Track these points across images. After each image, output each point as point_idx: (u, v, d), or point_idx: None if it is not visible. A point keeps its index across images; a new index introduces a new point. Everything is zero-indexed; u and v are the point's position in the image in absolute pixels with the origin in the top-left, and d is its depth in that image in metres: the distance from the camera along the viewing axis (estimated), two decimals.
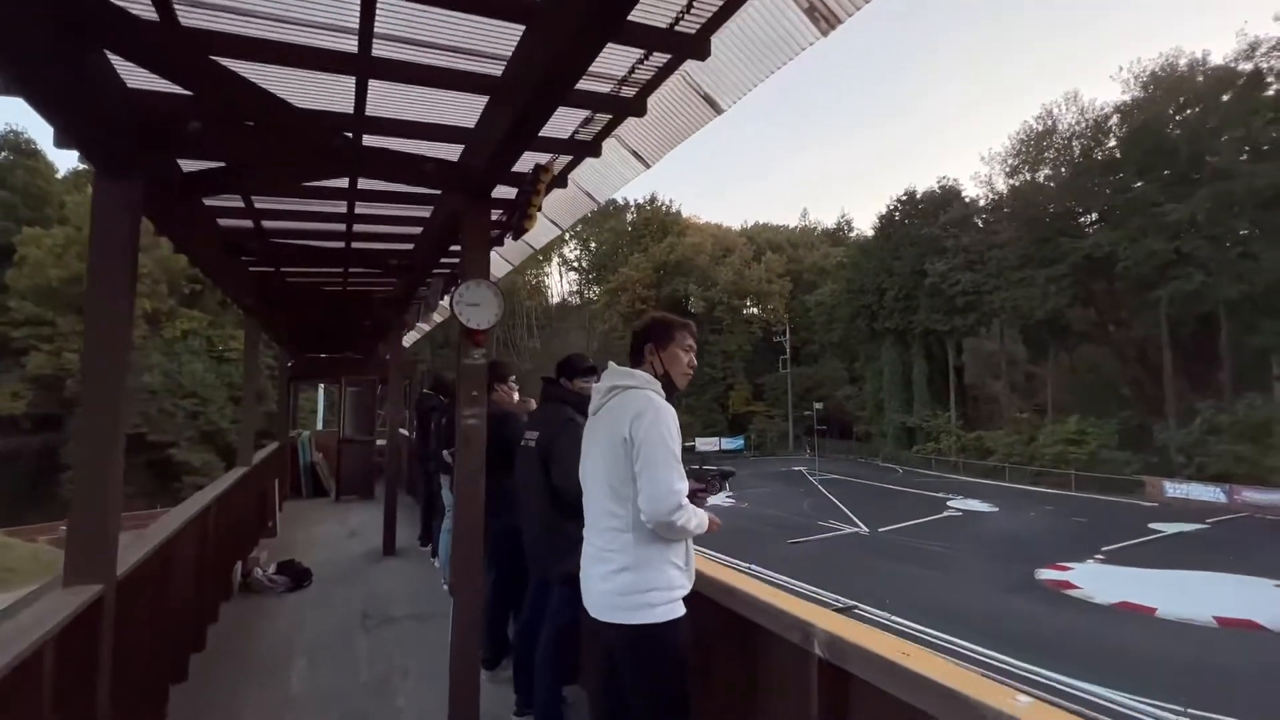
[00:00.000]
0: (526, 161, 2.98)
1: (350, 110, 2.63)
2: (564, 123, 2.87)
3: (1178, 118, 27.78)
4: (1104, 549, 17.59)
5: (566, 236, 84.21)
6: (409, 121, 2.78)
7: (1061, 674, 9.21)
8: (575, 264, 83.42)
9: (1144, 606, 12.62)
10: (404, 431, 9.88)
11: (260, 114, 2.27)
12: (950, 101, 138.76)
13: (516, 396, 3.96)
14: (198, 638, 3.98)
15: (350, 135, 2.77)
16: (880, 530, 20.88)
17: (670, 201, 77.24)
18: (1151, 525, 20.88)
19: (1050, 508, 24.31)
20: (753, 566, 16.39)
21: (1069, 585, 14.42)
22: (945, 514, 23.45)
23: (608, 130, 3.00)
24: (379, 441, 10.81)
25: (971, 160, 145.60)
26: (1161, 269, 25.68)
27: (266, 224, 4.29)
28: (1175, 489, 24.70)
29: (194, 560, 3.85)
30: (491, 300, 2.87)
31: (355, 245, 4.88)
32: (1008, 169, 35.40)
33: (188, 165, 2.90)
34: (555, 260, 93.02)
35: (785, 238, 77.66)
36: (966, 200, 37.64)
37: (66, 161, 68.92)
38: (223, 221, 4.16)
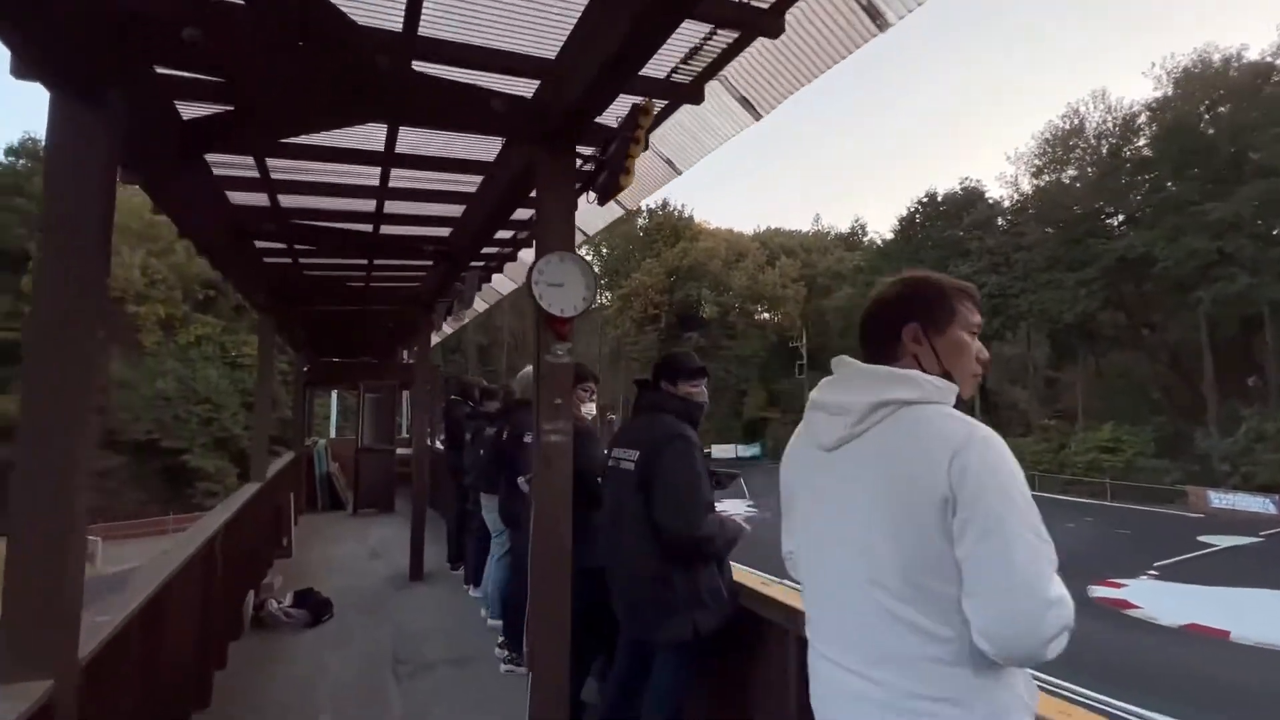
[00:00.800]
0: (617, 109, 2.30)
1: (399, 27, 1.97)
2: (659, 59, 2.16)
3: (1214, 114, 26.84)
4: (1156, 564, 16.63)
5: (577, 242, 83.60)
6: (473, 46, 2.13)
7: (1147, 708, 8.38)
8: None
9: (1215, 629, 11.71)
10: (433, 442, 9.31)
11: (275, 23, 1.70)
12: (966, 103, 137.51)
13: (592, 409, 3.26)
14: (201, 690, 3.33)
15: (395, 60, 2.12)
16: None
17: (682, 206, 76.66)
18: (1201, 538, 19.84)
19: (1090, 519, 23.27)
20: (784, 583, 15.58)
21: (1127, 604, 13.51)
22: None
23: (720, 64, 2.29)
24: (399, 450, 10.20)
25: (991, 162, 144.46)
26: (1202, 270, 24.70)
27: (284, 200, 3.67)
28: (1221, 499, 23.61)
29: (198, 600, 3.22)
30: (579, 278, 2.22)
31: (385, 230, 4.25)
32: (1033, 169, 34.50)
33: (186, 110, 2.29)
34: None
35: (798, 243, 76.81)
36: (990, 201, 36.74)
37: None
38: (233, 196, 3.55)
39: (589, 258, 79.37)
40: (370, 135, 2.89)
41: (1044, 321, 30.83)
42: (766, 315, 62.39)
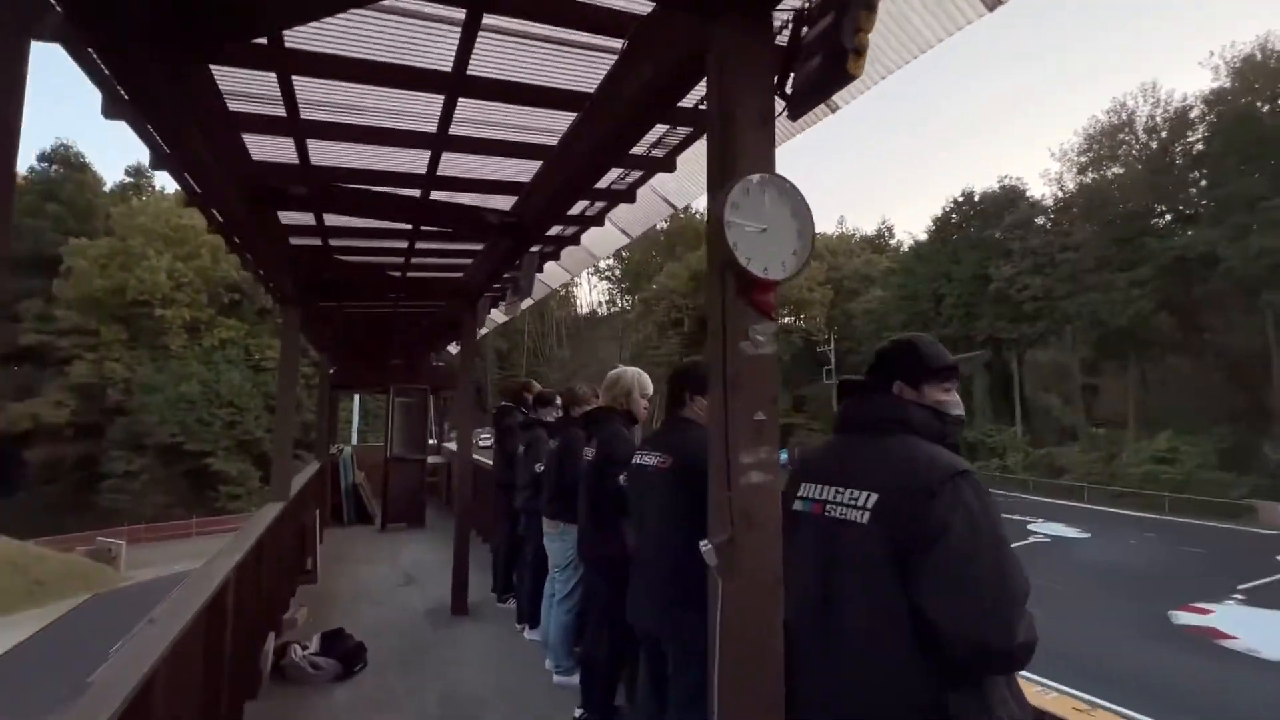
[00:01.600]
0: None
1: None
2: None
3: None
4: (1241, 587, 15.29)
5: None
6: None
7: None
8: (608, 274, 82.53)
9: None
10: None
11: None
12: (991, 102, 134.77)
13: None
14: None
15: None
16: None
17: (702, 212, 75.75)
18: None
19: (1152, 535, 21.84)
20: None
21: (1219, 633, 12.28)
22: (1031, 540, 21.22)
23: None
24: (430, 459, 9.46)
25: (1024, 162, 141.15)
26: (1273, 269, 23.13)
27: (315, 152, 2.89)
28: None
29: (202, 660, 2.43)
30: (788, 220, 1.36)
31: (437, 195, 3.45)
32: (1079, 166, 33.02)
33: None
34: (585, 274, 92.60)
35: (824, 245, 75.30)
36: (1031, 200, 35.30)
37: (113, 174, 71.03)
38: (254, 148, 2.78)
39: (607, 261, 78.54)
40: (435, 47, 2.10)
41: (1093, 325, 29.33)
42: (790, 319, 61.16)
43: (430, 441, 10.34)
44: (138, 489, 39.01)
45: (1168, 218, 28.41)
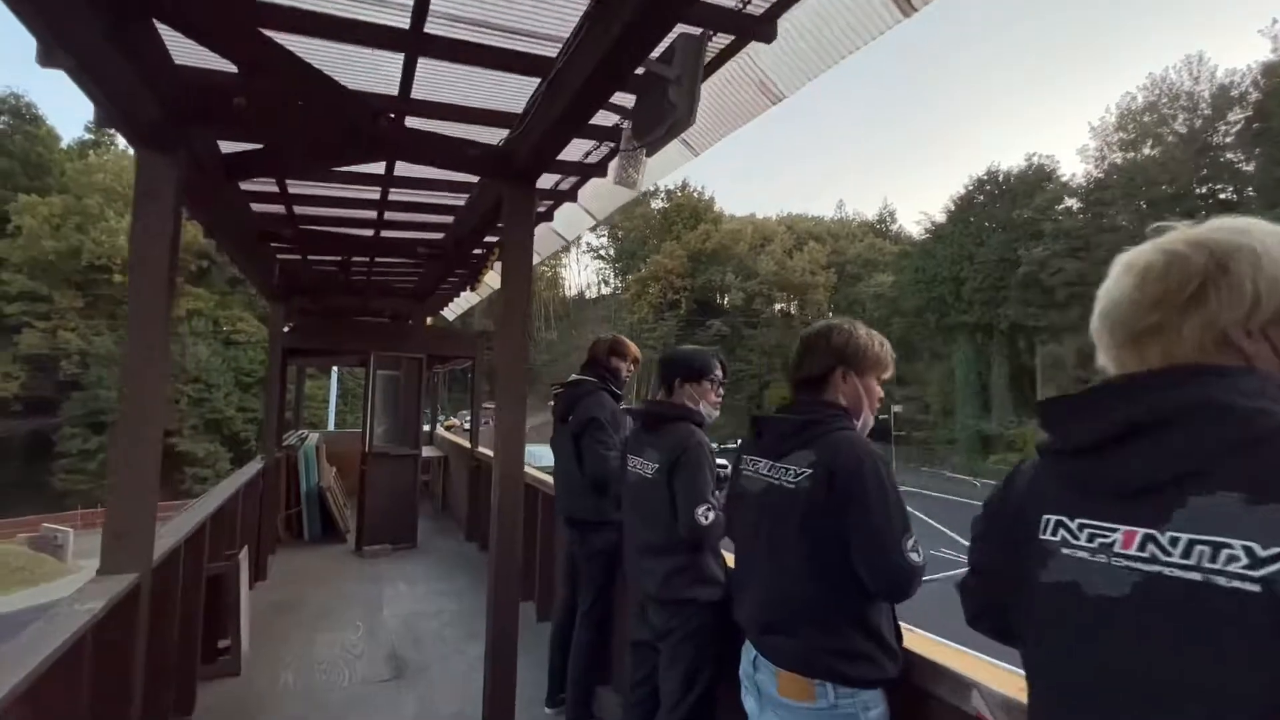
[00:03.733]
0: None
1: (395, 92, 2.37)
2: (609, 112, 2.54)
3: None
4: None
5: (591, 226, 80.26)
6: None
7: None
8: (601, 253, 79.61)
9: None
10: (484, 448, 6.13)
11: (305, 92, 2.20)
12: (995, 89, 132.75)
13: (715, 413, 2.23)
14: None
15: (393, 117, 2.51)
16: None
17: (702, 188, 73.21)
18: None
19: None
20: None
21: None
22: None
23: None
24: (425, 452, 7.05)
25: (1034, 144, 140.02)
26: None
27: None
28: None
29: None
30: None
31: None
32: (1120, 143, 30.90)
33: (226, 146, 2.74)
34: (574, 250, 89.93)
35: (825, 229, 73.33)
36: (1062, 180, 33.24)
37: (71, 130, 66.18)
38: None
39: (601, 239, 75.99)
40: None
41: None
42: (791, 303, 59.19)
43: (424, 427, 7.90)
44: (94, 469, 35.95)
45: (1221, 196, 26.46)
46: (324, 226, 4.30)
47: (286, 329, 5.87)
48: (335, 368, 17.18)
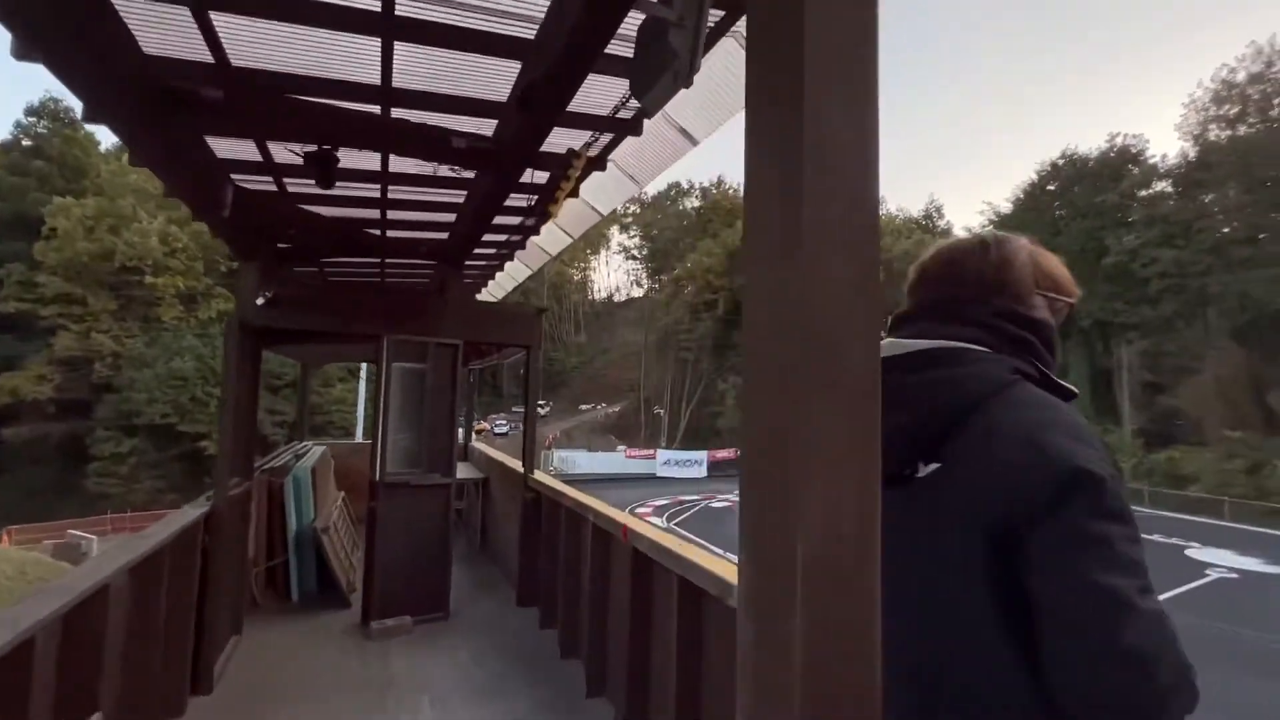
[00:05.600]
0: None
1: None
2: (604, 98, 2.48)
3: None
4: None
5: (625, 223, 78.91)
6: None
7: None
8: (634, 253, 77.73)
9: None
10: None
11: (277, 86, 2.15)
12: (1025, 80, 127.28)
13: None
14: None
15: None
16: None
17: (739, 186, 70.82)
18: None
19: None
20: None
21: None
22: (1211, 576, 16.46)
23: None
24: (459, 471, 5.09)
25: (1101, 126, 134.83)
26: None
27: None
28: None
29: None
30: None
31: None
32: (1217, 118, 27.63)
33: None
34: (603, 252, 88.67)
35: None
36: (1150, 161, 30.04)
37: (109, 134, 67.24)
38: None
39: (633, 240, 74.49)
40: None
41: (1241, 309, 24.23)
42: None
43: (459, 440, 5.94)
44: (126, 472, 35.41)
45: None
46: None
47: (261, 299, 3.91)
48: (365, 363, 15.03)
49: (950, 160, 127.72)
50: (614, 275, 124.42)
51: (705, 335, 56.17)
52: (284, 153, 2.88)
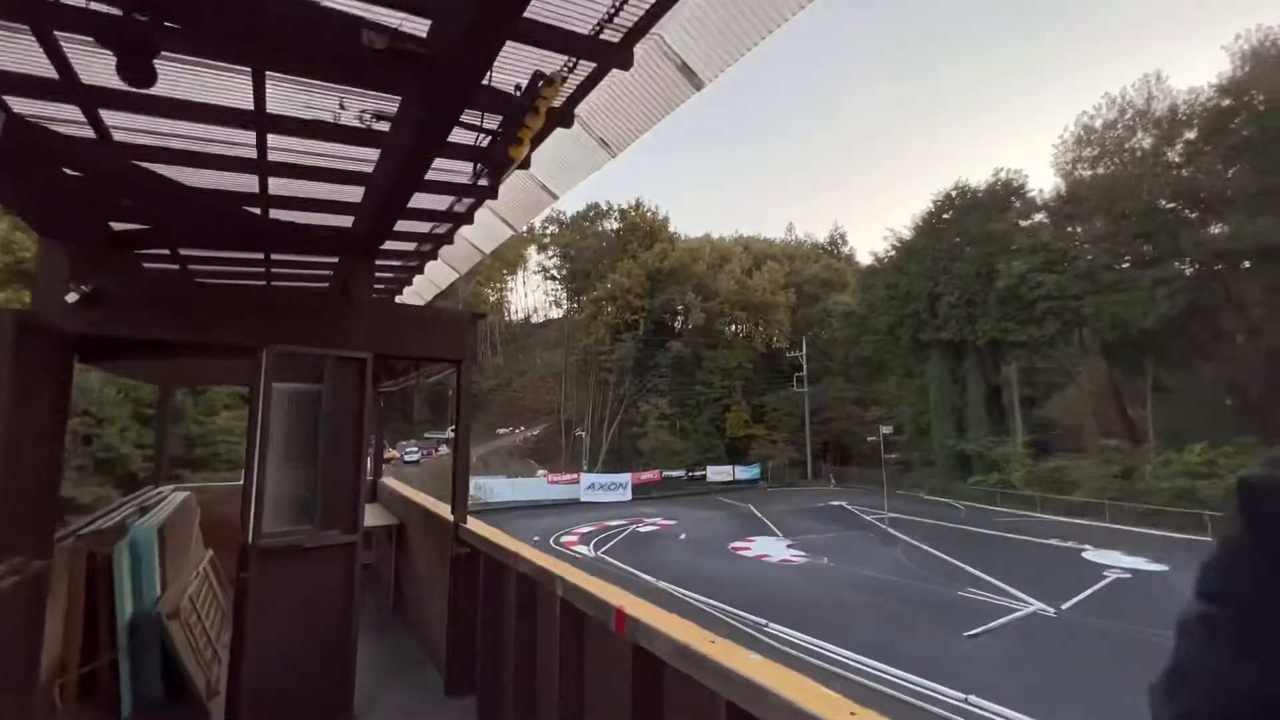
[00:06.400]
0: None
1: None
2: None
3: None
4: None
5: (543, 243, 77.61)
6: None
7: None
8: (553, 273, 76.38)
9: None
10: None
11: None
12: (923, 108, 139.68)
13: None
14: None
15: None
16: (1064, 608, 14.77)
17: (656, 207, 71.81)
18: None
19: None
20: (970, 698, 9.97)
21: None
22: (1110, 578, 17.59)
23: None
24: (366, 520, 4.00)
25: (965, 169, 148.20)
26: None
27: None
28: None
29: None
30: None
31: None
32: (1088, 159, 30.83)
33: None
34: (520, 272, 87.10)
35: (780, 250, 73.03)
36: (1029, 195, 33.03)
37: None
38: None
39: (552, 260, 73.69)
40: None
41: (1113, 327, 26.82)
42: (755, 324, 57.80)
43: (367, 476, 4.78)
44: None
45: (1186, 213, 26.25)
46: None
47: (73, 295, 2.76)
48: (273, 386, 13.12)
49: (853, 189, 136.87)
50: (532, 296, 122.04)
51: (626, 356, 55.86)
52: (100, 67, 1.88)
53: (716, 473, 43.22)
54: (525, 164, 2.93)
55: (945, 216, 35.24)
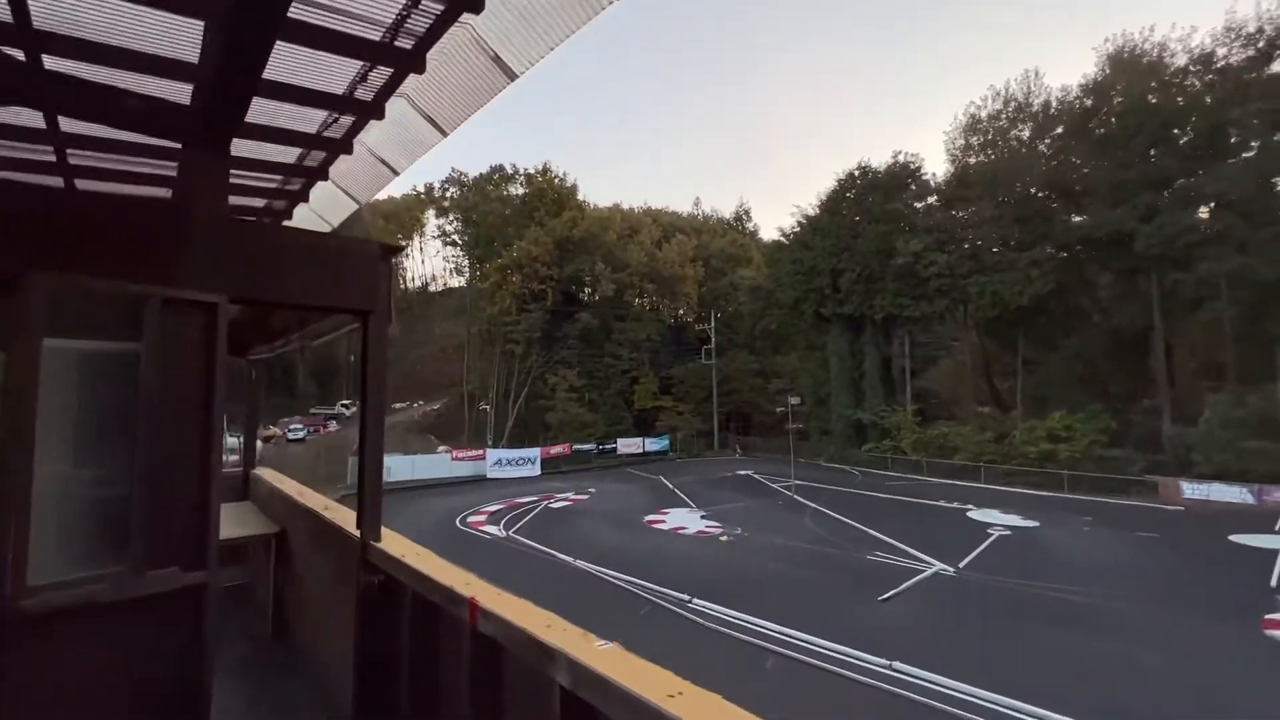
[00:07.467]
0: None
1: None
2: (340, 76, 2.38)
3: (1184, 93, 26.20)
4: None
5: (443, 206, 72.83)
6: None
7: None
8: (454, 239, 71.87)
9: None
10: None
11: None
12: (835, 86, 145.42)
13: None
14: None
15: None
16: (962, 567, 15.73)
17: (564, 174, 69.39)
18: (1234, 539, 18.10)
19: (1090, 518, 21.11)
20: (894, 664, 10.15)
21: None
22: (994, 535, 19.08)
23: (390, 88, 2.48)
24: (234, 530, 2.78)
25: (867, 149, 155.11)
26: (1189, 248, 23.76)
27: None
28: (1194, 490, 22.82)
29: None
30: None
31: None
32: (971, 148, 32.97)
33: None
34: (416, 238, 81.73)
35: (688, 223, 73.27)
36: (924, 178, 34.92)
37: None
38: None
39: (453, 225, 69.54)
40: None
41: (994, 304, 29.12)
42: (655, 297, 57.76)
43: (232, 469, 3.41)
44: None
45: (1053, 204, 28.88)
46: None
47: None
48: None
49: (758, 164, 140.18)
50: (430, 262, 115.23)
51: (534, 327, 53.94)
52: None
53: (626, 445, 42.99)
54: (348, 149, 3.03)
55: (849, 195, 36.52)
